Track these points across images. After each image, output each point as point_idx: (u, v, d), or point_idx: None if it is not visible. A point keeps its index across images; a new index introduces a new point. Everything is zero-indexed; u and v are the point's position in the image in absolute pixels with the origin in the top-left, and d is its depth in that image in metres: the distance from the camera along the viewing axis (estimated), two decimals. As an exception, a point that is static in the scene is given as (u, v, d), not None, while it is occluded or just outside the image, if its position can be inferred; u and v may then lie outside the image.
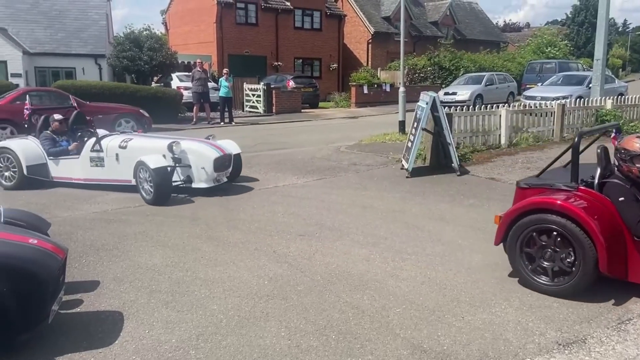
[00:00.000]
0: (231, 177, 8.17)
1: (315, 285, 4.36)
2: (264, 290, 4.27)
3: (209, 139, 8.15)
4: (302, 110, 22.33)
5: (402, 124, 13.17)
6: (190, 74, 19.55)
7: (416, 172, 8.70)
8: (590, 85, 14.57)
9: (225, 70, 19.08)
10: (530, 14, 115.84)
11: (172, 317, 3.80)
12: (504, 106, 11.27)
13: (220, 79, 18.72)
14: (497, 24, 51.19)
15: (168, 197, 7.19)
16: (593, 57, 14.15)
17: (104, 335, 3.55)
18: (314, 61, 31.21)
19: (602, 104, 12.45)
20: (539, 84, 20.76)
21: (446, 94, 21.55)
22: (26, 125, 9.16)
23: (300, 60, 30.77)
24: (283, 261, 4.94)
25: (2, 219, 3.75)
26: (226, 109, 18.21)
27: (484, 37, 38.57)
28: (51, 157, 8.24)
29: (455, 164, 8.68)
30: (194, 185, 7.54)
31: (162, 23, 34.28)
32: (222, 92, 18.08)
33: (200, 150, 7.55)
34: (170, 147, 7.31)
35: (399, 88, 14.47)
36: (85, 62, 21.89)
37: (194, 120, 17.84)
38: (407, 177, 8.58)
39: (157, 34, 21.97)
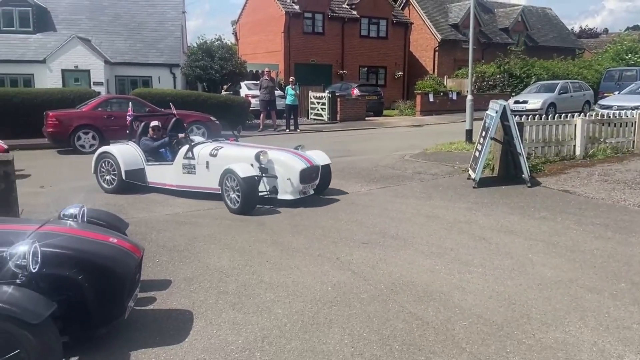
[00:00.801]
0: (319, 189, 7.98)
1: (379, 294, 4.34)
2: (327, 297, 4.30)
3: (298, 149, 7.99)
4: (367, 118, 22.33)
5: (469, 133, 12.86)
6: (258, 82, 20.09)
7: (484, 183, 8.46)
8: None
9: (291, 79, 19.46)
10: (609, 19, 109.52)
11: (239, 319, 3.91)
12: (579, 115, 10.73)
13: (287, 87, 19.10)
14: (572, 29, 48.84)
15: (254, 208, 7.04)
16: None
17: (174, 332, 3.70)
18: (379, 69, 31.16)
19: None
20: (616, 93, 19.58)
21: (516, 102, 20.80)
22: (127, 131, 9.35)
23: (365, 69, 30.81)
24: (346, 268, 4.96)
25: (85, 219, 4.01)
26: (292, 117, 18.54)
27: (558, 43, 36.93)
28: (148, 163, 8.43)
29: (525, 175, 8.36)
30: (279, 196, 7.39)
31: (233, 33, 35.51)
32: (289, 100, 18.43)
33: (287, 161, 7.42)
34: (257, 157, 7.26)
35: (465, 96, 14.15)
36: (160, 71, 23.05)
37: (261, 127, 18.29)
38: (473, 187, 8.36)
39: (227, 44, 22.81)
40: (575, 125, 10.15)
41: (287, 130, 18.27)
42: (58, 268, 3.18)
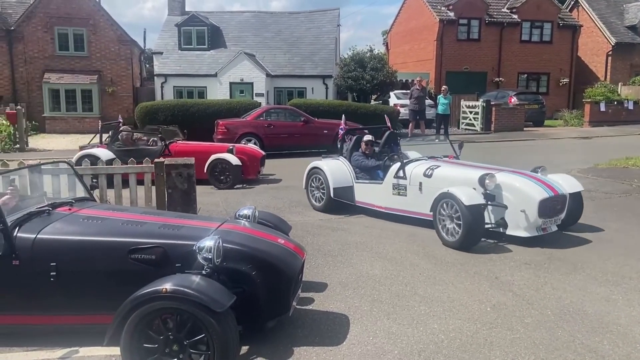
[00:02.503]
0: (564, 225, 6.43)
1: (546, 321, 4.02)
2: (486, 317, 4.10)
3: (537, 171, 6.58)
4: (525, 129, 20.89)
5: (650, 147, 11.33)
6: (407, 92, 20.03)
7: (671, 205, 7.38)
8: None
9: (444, 88, 19.05)
10: None
11: (394, 329, 3.91)
12: None
13: (438, 96, 18.75)
14: None
15: (477, 242, 5.86)
16: None
17: (332, 334, 3.84)
18: (540, 76, 28.94)
19: None
20: None
21: None
22: (339, 145, 8.63)
23: (525, 75, 28.83)
24: (507, 289, 4.68)
25: (256, 219, 4.36)
26: (442, 126, 18.13)
27: None
28: (358, 180, 7.73)
29: None
30: (508, 231, 6.02)
31: (383, 43, 35.90)
32: (440, 109, 18.08)
33: (521, 188, 6.03)
34: (482, 181, 6.04)
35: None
36: (314, 82, 24.21)
37: (409, 136, 18.19)
38: (658, 209, 7.33)
39: (378, 54, 23.13)
40: None
41: (437, 140, 17.87)
42: (236, 263, 3.50)
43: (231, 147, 10.40)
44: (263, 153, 11.23)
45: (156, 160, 6.17)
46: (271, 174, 11.62)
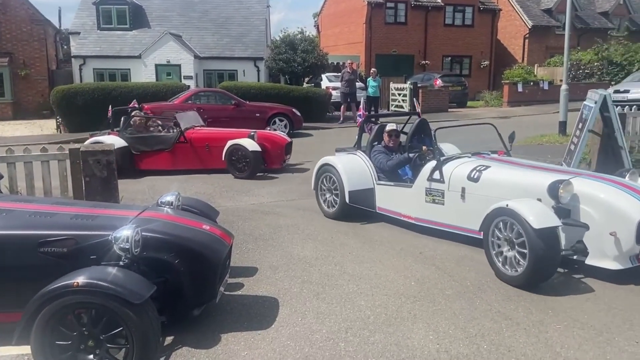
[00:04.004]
0: None
1: (465, 292, 4.21)
2: (410, 291, 4.24)
3: (624, 175, 4.90)
4: (450, 110, 21.65)
5: (562, 125, 12.08)
6: (339, 74, 20.14)
7: (579, 178, 7.90)
8: None
9: (373, 70, 19.30)
10: None
11: (323, 309, 3.95)
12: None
13: (368, 79, 18.99)
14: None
15: (548, 278, 4.24)
16: None
17: (261, 318, 3.82)
18: (463, 59, 30.06)
19: None
20: None
21: (616, 91, 19.13)
22: (357, 136, 7.04)
23: (449, 58, 29.84)
24: (430, 263, 4.86)
25: (180, 206, 4.23)
26: (372, 108, 18.41)
27: (666, 26, 33.61)
28: (380, 181, 6.22)
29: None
30: (588, 261, 4.42)
31: (314, 26, 35.81)
32: (370, 92, 18.33)
33: (609, 201, 4.38)
34: (554, 190, 4.40)
35: (558, 86, 13.32)
36: (245, 64, 23.74)
37: (341, 119, 18.34)
38: (568, 183, 7.78)
39: (309, 36, 23.04)
40: (687, 116, 9.19)
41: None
42: (157, 252, 3.38)
43: (252, 133, 9.44)
44: (288, 140, 10.14)
45: (70, 147, 5.81)
46: (299, 163, 10.40)
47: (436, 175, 5.46)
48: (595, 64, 25.50)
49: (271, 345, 3.42)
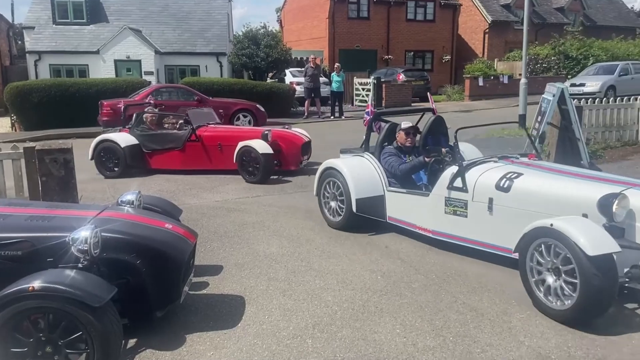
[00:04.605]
0: None
1: (431, 284, 4.26)
2: (377, 285, 4.26)
3: None
4: (413, 104, 21.88)
5: (522, 118, 12.37)
6: (302, 69, 20.07)
7: (538, 170, 8.11)
8: None
9: (337, 65, 19.30)
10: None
11: (289, 305, 3.92)
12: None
13: (332, 74, 18.99)
14: (632, 8, 45.99)
15: (605, 311, 3.51)
16: None
17: (227, 317, 3.76)
18: (425, 53, 30.48)
19: None
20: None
21: (573, 85, 19.85)
22: (365, 136, 6.20)
23: (412, 53, 30.20)
24: (396, 257, 4.89)
25: (142, 205, 4.11)
26: (337, 103, 18.44)
27: (618, 22, 34.94)
28: (391, 188, 5.53)
29: (584, 162, 7.95)
30: None
31: (277, 21, 35.58)
32: (334, 87, 18.32)
33: None
34: (607, 206, 3.73)
35: (517, 80, 13.65)
36: (208, 60, 23.40)
37: (305, 114, 18.29)
38: (528, 174, 7.95)
39: (272, 31, 22.87)
40: (639, 109, 9.60)
41: (332, 118, 18.19)
42: (117, 253, 3.27)
43: (266, 132, 8.55)
44: (306, 139, 9.08)
45: (25, 145, 5.58)
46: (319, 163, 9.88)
47: (458, 182, 4.75)
48: (552, 58, 26.26)
49: (237, 345, 3.37)
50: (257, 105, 15.15)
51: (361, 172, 5.69)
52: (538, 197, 4.20)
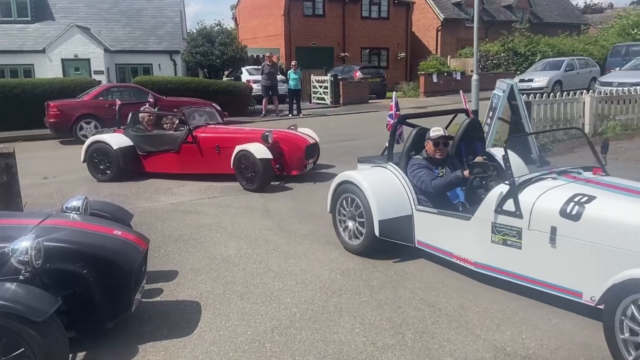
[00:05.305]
0: None
1: (389, 281, 4.26)
2: (336, 285, 4.23)
3: None
4: (370, 101, 22.10)
5: (475, 114, 12.65)
6: (259, 67, 19.88)
7: (492, 164, 8.30)
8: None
9: (293, 63, 19.22)
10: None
11: (247, 309, 3.84)
12: (587, 93, 10.54)
13: (288, 72, 18.89)
14: (576, 5, 48.00)
15: None
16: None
17: (183, 324, 3.64)
18: (381, 51, 30.78)
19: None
20: (617, 69, 19.31)
21: (522, 80, 20.46)
22: (387, 144, 5.30)
23: (367, 50, 30.43)
24: (354, 255, 4.87)
25: (89, 211, 3.93)
26: (294, 101, 18.37)
27: (563, 19, 36.33)
28: (420, 207, 4.61)
29: (534, 155, 8.22)
30: None
31: (232, 18, 35.12)
32: (291, 85, 18.25)
33: None
34: None
35: (469, 76, 13.94)
36: (161, 58, 22.82)
37: (263, 112, 18.13)
38: (482, 169, 8.12)
39: (227, 29, 22.54)
40: (584, 102, 9.98)
41: (290, 115, 18.10)
42: (62, 263, 3.11)
43: (267, 133, 7.74)
44: (312, 141, 8.25)
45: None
46: (330, 166, 8.78)
47: (509, 205, 3.83)
48: (502, 54, 27.04)
49: (193, 353, 3.27)
50: (214, 105, 14.83)
51: (385, 188, 4.75)
52: (621, 228, 3.27)
